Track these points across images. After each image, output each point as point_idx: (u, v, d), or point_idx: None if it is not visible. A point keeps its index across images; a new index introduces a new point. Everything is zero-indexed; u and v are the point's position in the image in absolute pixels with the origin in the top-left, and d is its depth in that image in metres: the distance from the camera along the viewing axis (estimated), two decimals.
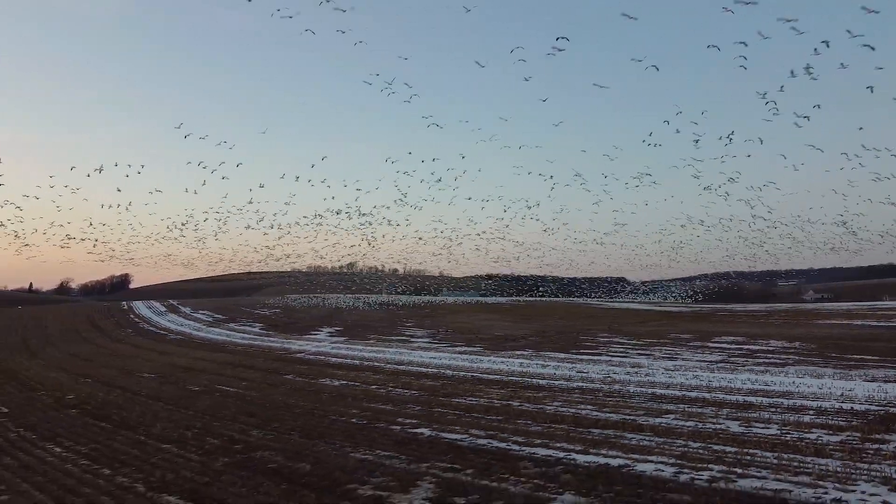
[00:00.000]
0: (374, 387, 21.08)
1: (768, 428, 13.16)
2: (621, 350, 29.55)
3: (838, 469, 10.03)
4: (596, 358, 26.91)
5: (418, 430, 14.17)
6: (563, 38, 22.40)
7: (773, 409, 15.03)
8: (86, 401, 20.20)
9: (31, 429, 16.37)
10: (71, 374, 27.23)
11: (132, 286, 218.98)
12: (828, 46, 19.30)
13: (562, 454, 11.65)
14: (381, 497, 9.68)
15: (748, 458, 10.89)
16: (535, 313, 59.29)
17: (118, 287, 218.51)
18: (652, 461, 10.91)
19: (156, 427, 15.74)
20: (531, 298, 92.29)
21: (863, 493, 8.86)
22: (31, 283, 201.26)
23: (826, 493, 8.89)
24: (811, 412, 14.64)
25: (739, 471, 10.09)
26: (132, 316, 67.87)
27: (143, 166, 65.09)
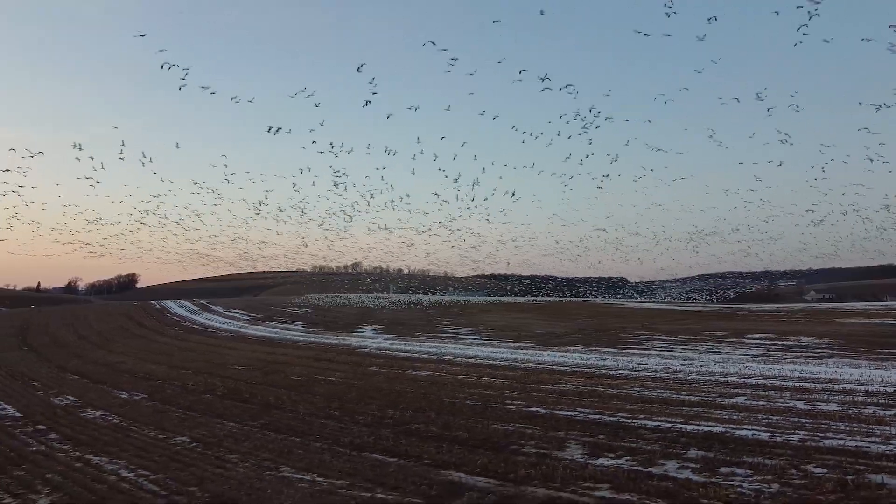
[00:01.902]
0: (460, 376, 23.78)
1: (829, 406, 15.86)
2: (665, 345, 32.31)
3: None
4: (646, 352, 29.67)
5: (533, 409, 16.83)
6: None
7: (827, 392, 17.74)
8: (210, 389, 22.86)
9: (189, 409, 19.04)
10: (169, 367, 29.85)
11: (139, 286, 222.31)
12: None
13: (668, 424, 14.33)
14: (544, 453, 12.35)
15: (824, 426, 13.60)
16: (563, 312, 62.04)
17: (125, 286, 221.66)
18: (746, 429, 13.59)
19: (300, 407, 18.40)
20: (549, 298, 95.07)
21: None
22: (38, 283, 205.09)
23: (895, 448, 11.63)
24: (860, 394, 17.35)
25: (821, 435, 12.78)
26: (169, 315, 70.64)
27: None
